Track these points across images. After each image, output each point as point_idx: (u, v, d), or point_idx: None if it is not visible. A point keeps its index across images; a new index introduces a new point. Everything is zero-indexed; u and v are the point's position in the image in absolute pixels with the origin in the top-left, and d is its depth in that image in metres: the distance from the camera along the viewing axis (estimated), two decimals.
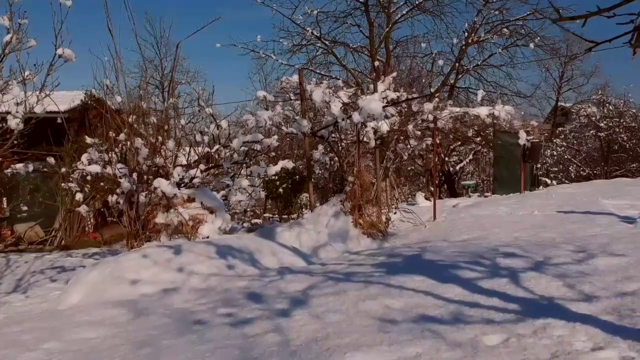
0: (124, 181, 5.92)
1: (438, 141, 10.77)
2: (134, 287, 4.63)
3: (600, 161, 34.26)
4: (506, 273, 3.68)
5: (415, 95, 8.80)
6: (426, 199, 13.25)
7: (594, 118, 33.88)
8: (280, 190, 16.12)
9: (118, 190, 6.18)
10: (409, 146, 9.31)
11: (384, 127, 6.98)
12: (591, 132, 34.26)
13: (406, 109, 9.26)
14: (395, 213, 9.12)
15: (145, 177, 6.33)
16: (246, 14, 46.55)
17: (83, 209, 6.63)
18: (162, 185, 6.04)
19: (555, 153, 29.98)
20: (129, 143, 6.64)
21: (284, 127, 7.67)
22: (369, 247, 6.56)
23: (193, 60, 59.96)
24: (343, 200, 7.09)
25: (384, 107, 6.75)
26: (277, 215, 17.65)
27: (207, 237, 6.02)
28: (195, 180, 6.65)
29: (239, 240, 5.73)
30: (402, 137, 9.21)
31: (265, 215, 18.31)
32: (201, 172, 7.05)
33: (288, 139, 14.60)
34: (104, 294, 4.64)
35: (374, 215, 7.56)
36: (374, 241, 6.68)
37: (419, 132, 9.24)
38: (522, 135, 10.17)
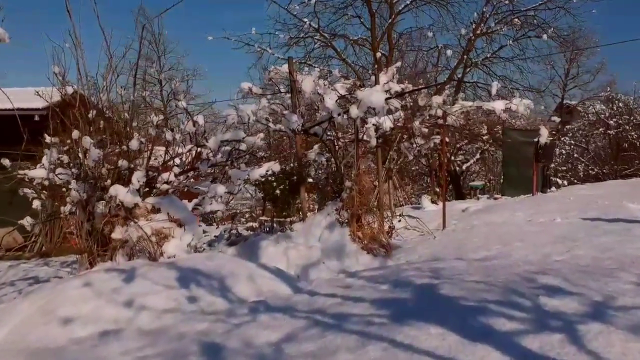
0: (72, 189, 4.90)
1: (447, 139, 9.72)
2: (66, 327, 3.60)
3: (609, 160, 33.22)
4: (558, 324, 2.63)
5: (422, 86, 7.76)
6: (433, 202, 12.23)
7: (602, 115, 32.85)
8: (277, 191, 14.98)
9: (68, 199, 5.17)
10: (414, 145, 8.26)
11: (387, 123, 5.95)
12: (600, 130, 33.23)
13: (411, 103, 8.22)
14: (399, 221, 8.09)
15: (103, 183, 5.30)
16: (245, 14, 45.58)
17: (26, 221, 5.61)
18: (119, 193, 5.00)
19: (563, 152, 28.98)
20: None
21: (271, 124, 6.64)
22: (369, 265, 5.53)
23: (193, 59, 59.26)
24: (339, 209, 6.05)
25: (386, 99, 5.70)
26: (274, 218, 16.62)
27: (173, 256, 4.98)
28: (164, 187, 5.62)
29: (209, 261, 4.69)
30: (407, 135, 8.16)
31: (261, 218, 17.31)
32: (175, 176, 6.04)
33: (286, 138, 13.53)
34: (28, 336, 3.61)
35: (374, 225, 6.53)
36: (375, 258, 5.64)
37: (426, 130, 8.19)
38: (544, 132, 9.11)
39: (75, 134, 5.42)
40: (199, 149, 5.81)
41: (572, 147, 31.17)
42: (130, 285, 4.04)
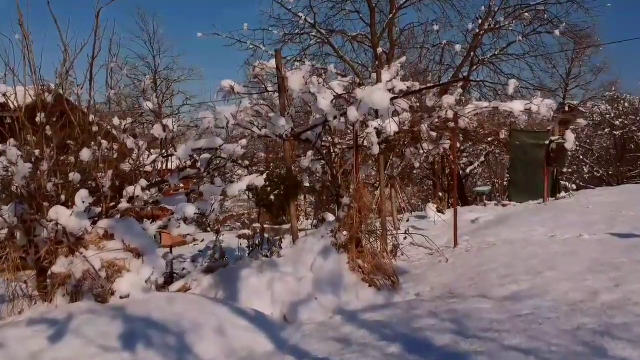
0: None
1: (458, 145, 8.73)
2: None
3: (614, 161, 32.37)
4: None
5: (431, 85, 6.76)
6: (439, 211, 11.22)
7: (608, 116, 31.97)
8: (272, 197, 13.98)
9: None
10: (421, 151, 7.27)
11: (393, 126, 4.96)
12: (606, 130, 32.37)
13: (418, 104, 7.22)
14: (405, 238, 7.10)
15: (42, 202, 4.30)
16: (246, 12, 44.63)
17: None
18: (60, 216, 4.01)
19: (569, 153, 28.15)
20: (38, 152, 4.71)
21: (255, 128, 5.64)
22: (372, 301, 4.52)
23: (190, 58, 58.39)
24: (335, 230, 5.05)
25: (392, 99, 4.71)
26: (268, 225, 15.63)
27: (127, 296, 3.98)
28: (123, 206, 4.63)
29: (169, 306, 3.69)
30: (413, 140, 7.17)
31: (254, 225, 16.30)
32: (142, 190, 5.06)
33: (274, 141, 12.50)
34: None
35: (377, 244, 5.51)
36: (378, 292, 4.63)
37: (434, 134, 7.19)
38: (570, 137, 8.13)
39: (11, 142, 4.42)
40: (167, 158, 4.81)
41: (576, 148, 30.36)
42: (56, 346, 3.04)
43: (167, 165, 5.79)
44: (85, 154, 4.63)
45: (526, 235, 7.37)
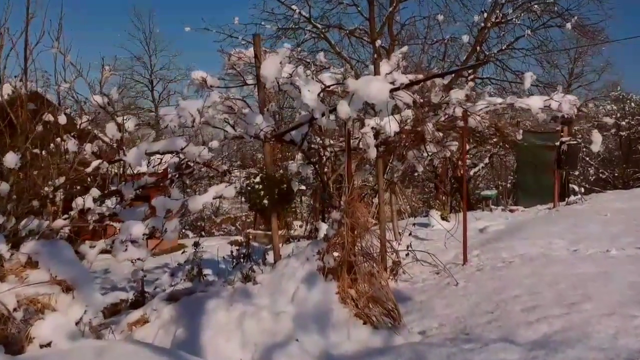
0: None
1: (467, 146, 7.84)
2: None
3: (620, 163, 31.53)
4: None
5: (437, 73, 5.85)
6: (443, 218, 10.33)
7: (614, 116, 31.13)
8: (265, 201, 13.04)
9: None
10: (425, 154, 6.36)
11: (393, 126, 4.07)
12: (611, 131, 31.55)
13: (422, 100, 6.30)
14: (407, 254, 6.20)
15: None
16: (244, 11, 43.91)
17: None
18: None
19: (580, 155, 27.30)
20: None
21: (229, 127, 4.73)
22: (367, 343, 3.62)
23: (186, 58, 57.52)
24: (323, 252, 4.13)
25: (392, 91, 3.81)
26: (260, 230, 14.78)
27: (49, 345, 3.07)
28: (58, 223, 3.74)
29: (99, 358, 2.77)
30: (416, 141, 6.26)
31: (248, 230, 15.45)
32: (94, 201, 4.18)
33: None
34: None
35: (374, 267, 4.59)
36: (375, 331, 3.72)
37: (440, 134, 6.29)
38: (597, 139, 7.20)
39: None
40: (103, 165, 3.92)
41: (581, 149, 29.52)
42: None
43: (124, 170, 4.91)
44: (10, 159, 3.74)
45: (545, 250, 6.46)
